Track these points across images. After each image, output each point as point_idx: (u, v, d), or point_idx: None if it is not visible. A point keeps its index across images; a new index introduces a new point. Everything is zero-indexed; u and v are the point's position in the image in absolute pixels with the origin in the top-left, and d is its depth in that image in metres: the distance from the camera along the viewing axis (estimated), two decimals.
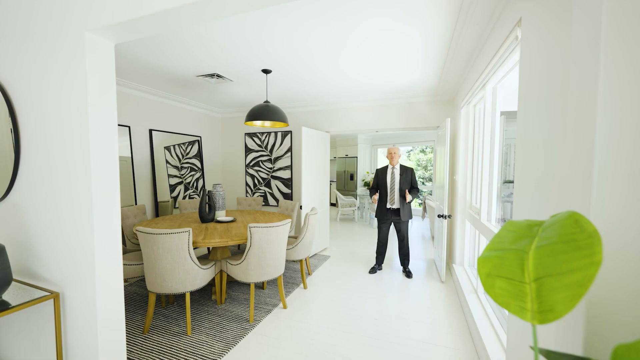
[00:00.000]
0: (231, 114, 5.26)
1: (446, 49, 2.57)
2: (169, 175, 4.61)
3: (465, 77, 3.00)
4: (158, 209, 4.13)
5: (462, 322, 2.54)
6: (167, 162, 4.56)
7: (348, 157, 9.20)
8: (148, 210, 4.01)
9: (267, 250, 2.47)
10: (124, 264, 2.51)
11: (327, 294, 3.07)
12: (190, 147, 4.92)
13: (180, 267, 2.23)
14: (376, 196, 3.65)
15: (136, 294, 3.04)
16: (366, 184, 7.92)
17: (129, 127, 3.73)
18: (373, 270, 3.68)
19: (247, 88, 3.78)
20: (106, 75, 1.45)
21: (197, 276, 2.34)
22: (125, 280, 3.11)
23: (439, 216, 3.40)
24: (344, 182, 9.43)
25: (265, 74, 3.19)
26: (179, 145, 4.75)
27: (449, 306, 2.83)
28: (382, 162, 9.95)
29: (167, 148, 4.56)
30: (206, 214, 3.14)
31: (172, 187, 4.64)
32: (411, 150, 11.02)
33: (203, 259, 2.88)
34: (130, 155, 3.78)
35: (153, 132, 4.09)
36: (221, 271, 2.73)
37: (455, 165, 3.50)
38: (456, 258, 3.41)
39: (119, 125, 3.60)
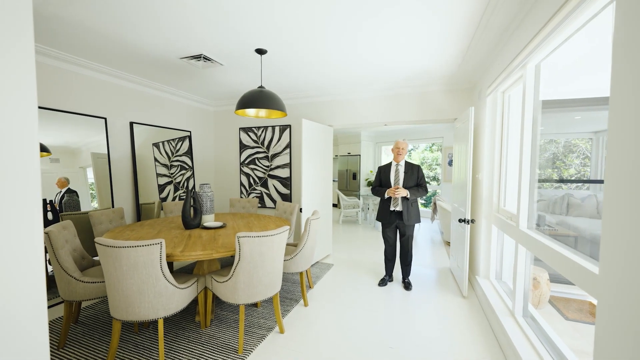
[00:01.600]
0: (224, 107, 4.81)
1: (477, 19, 2.11)
2: (158, 175, 4.18)
3: (496, 56, 2.55)
4: (140, 213, 3.68)
5: (496, 351, 2.09)
6: (155, 160, 4.12)
7: (350, 155, 8.74)
8: (128, 213, 3.56)
9: (260, 264, 2.02)
10: (85, 282, 2.06)
11: (332, 312, 2.62)
12: (180, 143, 4.48)
13: (150, 289, 1.77)
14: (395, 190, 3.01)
15: (107, 314, 2.59)
16: (370, 184, 7.47)
17: (105, 119, 3.27)
18: (383, 282, 3.24)
19: (240, 74, 3.32)
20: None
21: (173, 298, 1.89)
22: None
23: (460, 221, 2.95)
24: (346, 181, 8.98)
25: (259, 55, 2.74)
26: (168, 141, 4.31)
27: (476, 329, 2.38)
28: (386, 160, 9.51)
29: (156, 145, 4.12)
30: (190, 219, 2.69)
31: (161, 188, 4.20)
32: (412, 150, 10.50)
33: (185, 273, 2.43)
34: (106, 152, 3.32)
35: (135, 125, 3.63)
36: (206, 288, 2.28)
37: (478, 162, 3.05)
38: (479, 269, 2.96)
39: (92, 116, 3.14)
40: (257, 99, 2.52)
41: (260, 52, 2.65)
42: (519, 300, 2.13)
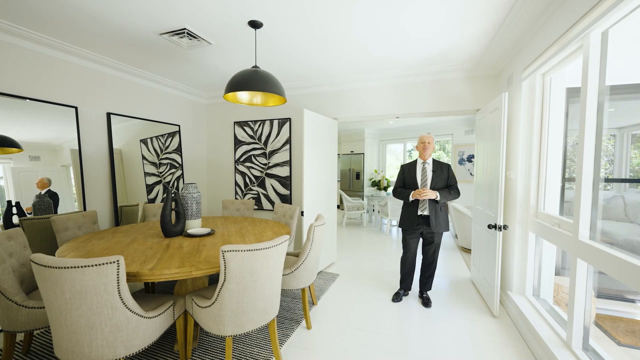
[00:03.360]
0: (218, 99, 4.37)
1: None
2: (146, 174, 3.76)
3: (538, 29, 2.11)
4: (119, 216, 3.24)
5: None
6: (143, 157, 3.70)
7: (354, 153, 8.31)
8: (104, 217, 3.11)
9: (251, 286, 1.58)
10: (30, 307, 1.62)
11: (340, 338, 2.18)
12: (170, 139, 4.05)
13: (104, 322, 1.34)
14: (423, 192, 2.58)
15: None
16: (375, 184, 7.04)
17: (76, 108, 2.83)
18: (397, 298, 2.79)
19: (233, 57, 2.89)
20: None
21: (137, 332, 1.45)
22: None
23: (489, 227, 2.52)
24: (349, 181, 8.54)
25: (254, 29, 2.30)
26: (157, 137, 3.89)
27: (515, 359, 1.95)
28: (394, 159, 9.08)
29: (144, 141, 3.70)
30: (171, 225, 2.25)
31: (150, 188, 3.78)
32: (412, 150, 9.96)
33: (162, 294, 1.99)
34: (77, 146, 2.88)
35: (112, 116, 3.19)
36: (186, 312, 1.84)
37: (511, 159, 2.61)
38: (512, 283, 2.52)
39: (59, 105, 2.70)
40: (250, 80, 2.09)
41: (255, 25, 2.22)
42: (578, 328, 1.70)
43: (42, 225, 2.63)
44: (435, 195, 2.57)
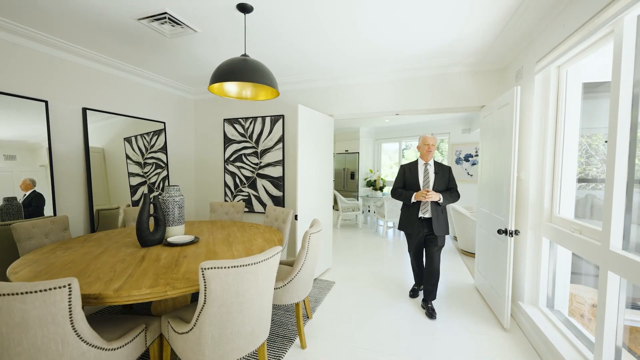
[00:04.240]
0: (206, 94, 4.10)
1: None
2: (130, 174, 3.49)
3: (556, 16, 1.92)
4: (95, 222, 2.96)
5: None
6: (127, 157, 3.44)
7: (348, 152, 8.10)
8: (78, 223, 2.83)
9: (237, 308, 1.35)
10: None
11: (338, 358, 1.96)
12: (156, 137, 3.78)
13: (53, 358, 1.08)
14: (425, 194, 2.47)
15: None
16: (370, 184, 6.84)
17: (46, 102, 2.55)
18: (414, 294, 2.87)
19: (221, 47, 2.64)
20: None
21: None
22: None
23: (499, 232, 2.33)
24: (344, 181, 8.34)
25: (243, 14, 2.06)
26: (141, 135, 3.61)
27: None
28: (387, 158, 8.90)
29: (128, 139, 3.44)
30: (148, 233, 2.00)
31: (134, 189, 3.52)
32: (405, 149, 9.72)
33: (133, 315, 1.75)
34: (47, 144, 2.59)
35: (89, 112, 2.91)
36: (161, 336, 1.59)
37: (521, 159, 2.43)
38: (524, 293, 2.34)
39: (24, 98, 2.41)
40: (239, 70, 1.84)
41: (244, 9, 1.98)
42: (609, 351, 1.51)
43: (5, 233, 2.35)
44: (438, 197, 2.47)
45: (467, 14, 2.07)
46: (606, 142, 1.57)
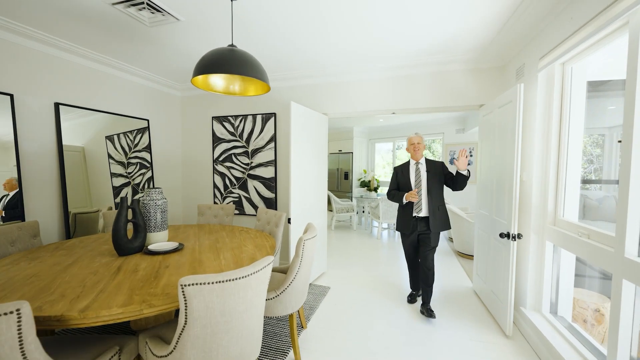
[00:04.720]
0: (194, 90, 3.90)
1: None
2: (113, 175, 3.29)
3: (563, 9, 1.82)
4: (71, 227, 2.74)
5: None
6: (110, 156, 3.23)
7: (342, 152, 7.98)
8: (52, 229, 2.61)
9: (223, 327, 1.19)
10: None
11: None
12: (140, 136, 3.57)
13: None
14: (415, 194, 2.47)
15: None
16: (364, 184, 6.73)
17: (11, 95, 2.32)
18: (412, 299, 2.77)
19: (207, 37, 2.46)
20: None
21: None
22: None
23: (501, 235, 2.24)
24: (337, 181, 8.21)
25: (230, 1, 1.89)
26: (125, 133, 3.40)
27: None
28: (379, 158, 8.81)
29: (110, 138, 3.23)
30: (126, 240, 1.82)
31: (117, 190, 3.32)
32: (398, 149, 9.64)
33: (105, 335, 1.58)
34: (13, 142, 2.37)
35: (63, 107, 2.69)
36: (139, 357, 1.42)
37: (523, 159, 2.34)
38: (526, 299, 2.25)
39: None
40: (225, 61, 1.68)
41: None
42: None
43: None
44: (465, 168, 2.38)
45: (466, 7, 1.96)
46: (619, 141, 1.48)
